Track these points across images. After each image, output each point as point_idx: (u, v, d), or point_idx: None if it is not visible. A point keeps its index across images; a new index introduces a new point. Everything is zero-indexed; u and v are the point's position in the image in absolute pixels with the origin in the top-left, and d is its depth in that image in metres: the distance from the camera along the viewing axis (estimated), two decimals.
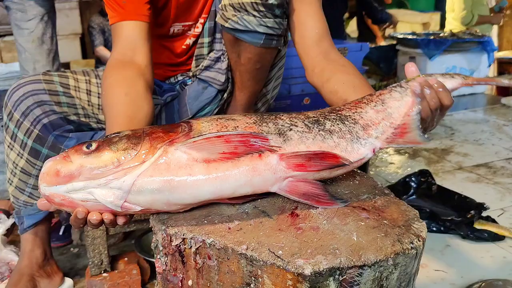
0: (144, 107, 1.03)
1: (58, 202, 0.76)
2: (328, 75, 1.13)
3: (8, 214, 1.92)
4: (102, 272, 1.42)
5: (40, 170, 1.27)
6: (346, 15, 5.29)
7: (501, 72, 4.71)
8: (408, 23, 6.12)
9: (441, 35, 4.42)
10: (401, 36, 4.59)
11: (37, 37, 2.04)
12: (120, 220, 0.80)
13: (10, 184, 1.33)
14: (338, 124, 0.87)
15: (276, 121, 0.84)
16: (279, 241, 0.72)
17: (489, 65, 4.54)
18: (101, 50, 4.40)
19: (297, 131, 0.83)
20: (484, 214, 1.86)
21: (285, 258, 0.68)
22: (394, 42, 4.71)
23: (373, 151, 0.88)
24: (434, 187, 2.01)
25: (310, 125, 0.85)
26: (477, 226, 1.77)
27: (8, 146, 1.29)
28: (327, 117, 0.88)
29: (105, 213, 0.77)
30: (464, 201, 1.90)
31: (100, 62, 4.32)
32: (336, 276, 0.67)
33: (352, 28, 5.98)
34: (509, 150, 2.82)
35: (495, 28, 5.38)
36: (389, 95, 0.93)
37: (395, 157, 2.78)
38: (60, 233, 1.81)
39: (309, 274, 0.66)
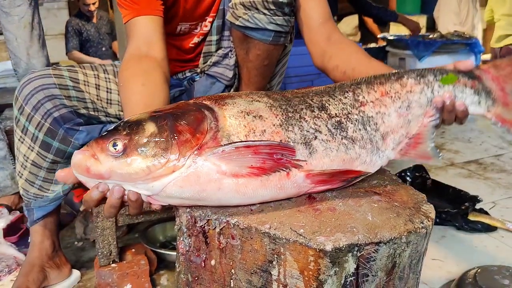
0: (161, 96, 1.05)
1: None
2: (335, 59, 1.18)
3: (10, 209, 1.93)
4: (111, 262, 1.45)
5: (50, 162, 1.31)
6: (335, 18, 5.32)
7: None
8: (394, 25, 6.21)
9: (430, 36, 4.52)
10: (391, 38, 4.67)
11: (28, 22, 2.01)
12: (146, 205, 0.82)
13: (20, 177, 1.36)
14: (360, 129, 0.88)
15: (301, 123, 0.84)
16: (299, 221, 0.76)
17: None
18: (75, 54, 4.32)
19: (321, 140, 0.84)
20: (477, 206, 1.92)
21: (306, 236, 0.72)
22: (384, 43, 4.79)
23: (386, 163, 0.91)
24: (429, 181, 2.08)
25: (334, 130, 0.86)
26: (471, 217, 1.84)
27: (19, 140, 1.31)
28: (350, 116, 0.88)
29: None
30: (458, 194, 1.97)
31: None
32: (355, 252, 0.72)
33: (344, 29, 6.03)
34: (498, 147, 2.90)
35: (480, 30, 5.48)
36: (417, 98, 0.93)
37: None
38: (29, 240, 1.78)
39: (330, 250, 0.71)
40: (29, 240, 1.73)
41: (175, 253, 1.56)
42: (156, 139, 0.77)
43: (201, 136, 0.78)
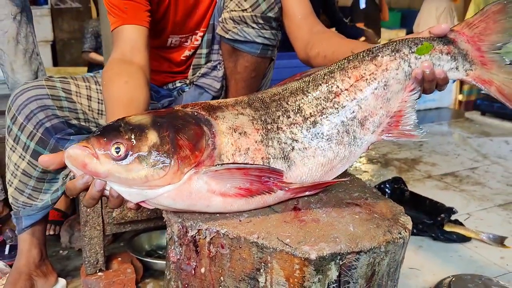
0: (143, 93, 1.10)
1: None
2: (316, 47, 1.22)
3: None
4: (98, 271, 1.47)
5: (40, 172, 1.34)
6: None
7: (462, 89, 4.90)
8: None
9: None
10: None
11: (12, 37, 1.99)
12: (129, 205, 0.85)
13: (10, 185, 1.38)
14: (336, 124, 0.90)
15: (279, 135, 0.89)
16: (285, 231, 0.81)
17: (454, 81, 4.78)
18: (91, 54, 4.36)
19: (298, 149, 0.89)
20: (452, 218, 2.00)
21: (292, 245, 0.77)
22: None
23: (368, 148, 0.94)
24: (407, 193, 2.15)
25: (309, 135, 0.90)
26: (447, 228, 1.92)
27: (11, 149, 1.33)
28: (325, 111, 0.90)
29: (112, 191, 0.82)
30: (435, 205, 2.05)
31: (92, 66, 4.27)
32: (337, 261, 0.77)
33: None
34: (473, 160, 3.01)
35: None
36: (395, 74, 0.91)
37: (368, 166, 2.92)
38: (6, 252, 1.76)
39: (315, 258, 0.76)
40: (6, 251, 1.74)
41: (160, 261, 1.60)
42: (158, 151, 0.80)
43: (199, 154, 0.83)
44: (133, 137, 0.80)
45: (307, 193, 0.92)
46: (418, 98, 0.94)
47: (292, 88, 0.95)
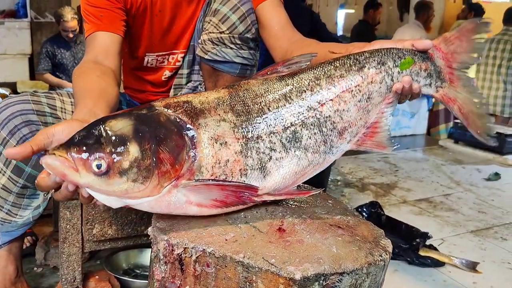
0: (114, 91, 1.12)
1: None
2: (295, 55, 1.25)
3: None
4: None
5: (20, 187, 1.32)
6: None
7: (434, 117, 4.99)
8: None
9: None
10: None
11: None
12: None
13: None
14: (315, 133, 0.91)
15: (258, 145, 0.90)
16: (271, 251, 0.83)
17: (428, 109, 4.92)
18: (45, 76, 4.32)
19: (275, 158, 0.92)
20: (427, 242, 2.04)
21: (277, 265, 0.79)
22: None
23: (341, 155, 0.96)
24: (384, 217, 2.19)
25: (287, 144, 0.91)
26: (422, 253, 1.96)
27: None
28: (306, 121, 0.91)
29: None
30: (410, 230, 2.09)
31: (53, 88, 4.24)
32: (321, 281, 0.79)
33: None
34: (446, 187, 3.09)
35: None
36: (378, 88, 0.93)
37: (345, 190, 2.96)
38: None
39: (299, 278, 0.77)
40: None
41: (138, 280, 1.58)
42: (139, 166, 0.81)
43: (179, 167, 0.84)
44: (114, 151, 0.80)
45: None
46: (394, 110, 0.97)
47: (275, 92, 0.93)
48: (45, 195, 1.36)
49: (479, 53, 1.01)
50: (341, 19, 10.39)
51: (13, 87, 4.56)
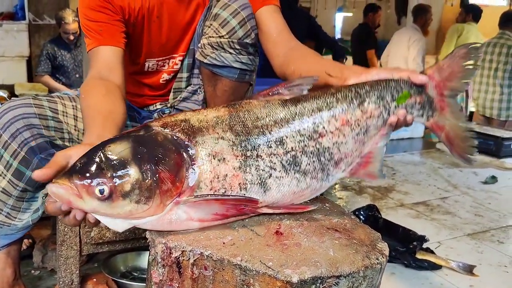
0: (121, 107, 1.14)
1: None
2: (292, 65, 1.26)
3: None
4: None
5: (20, 191, 1.32)
6: None
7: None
8: None
9: None
10: None
11: None
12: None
13: None
14: (314, 161, 0.96)
15: (257, 163, 0.92)
16: (268, 255, 0.83)
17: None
18: (44, 78, 4.34)
19: (275, 177, 0.93)
20: (424, 246, 2.05)
21: (275, 268, 0.80)
22: None
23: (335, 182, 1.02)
24: (381, 220, 2.20)
25: (288, 166, 0.94)
26: (419, 256, 1.96)
27: None
28: (306, 149, 0.95)
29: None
30: (407, 233, 2.10)
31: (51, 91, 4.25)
32: (318, 284, 0.80)
33: None
34: (444, 190, 3.09)
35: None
36: (375, 122, 0.98)
37: (343, 193, 2.97)
38: None
39: (296, 281, 0.78)
40: None
41: (136, 283, 1.59)
42: (141, 187, 0.83)
43: (180, 185, 0.87)
44: (115, 175, 0.82)
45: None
46: (387, 141, 1.01)
47: (276, 116, 0.95)
48: (44, 197, 1.36)
49: (470, 79, 1.05)
50: (339, 22, 10.43)
51: (11, 90, 4.56)
